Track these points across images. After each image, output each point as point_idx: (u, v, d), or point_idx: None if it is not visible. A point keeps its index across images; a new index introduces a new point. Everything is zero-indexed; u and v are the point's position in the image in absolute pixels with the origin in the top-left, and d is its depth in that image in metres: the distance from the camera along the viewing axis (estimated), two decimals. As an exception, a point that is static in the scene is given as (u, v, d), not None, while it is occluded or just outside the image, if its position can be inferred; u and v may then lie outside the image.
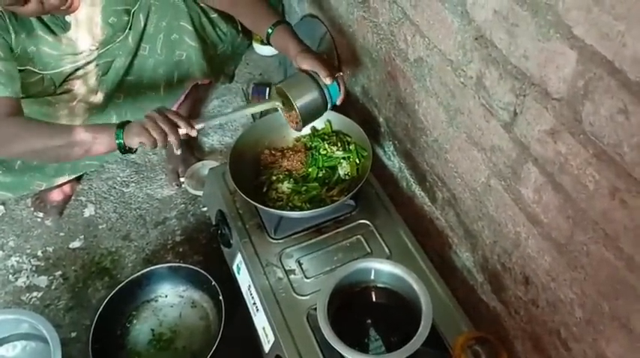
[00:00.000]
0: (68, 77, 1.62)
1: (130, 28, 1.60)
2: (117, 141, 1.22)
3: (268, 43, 1.40)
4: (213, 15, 1.65)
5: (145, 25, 1.59)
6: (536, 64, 0.87)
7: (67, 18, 1.48)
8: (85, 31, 1.53)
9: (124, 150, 1.24)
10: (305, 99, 1.28)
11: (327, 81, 1.26)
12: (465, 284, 1.36)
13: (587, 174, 0.82)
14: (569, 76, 0.79)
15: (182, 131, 1.21)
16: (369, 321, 1.18)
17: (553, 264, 0.98)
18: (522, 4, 0.85)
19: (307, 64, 1.28)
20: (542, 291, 1.04)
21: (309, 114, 1.31)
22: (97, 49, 1.59)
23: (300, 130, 1.38)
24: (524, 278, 1.09)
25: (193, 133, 1.23)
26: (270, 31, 1.36)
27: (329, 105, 1.32)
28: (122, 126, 1.23)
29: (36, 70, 1.52)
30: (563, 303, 0.98)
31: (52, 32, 1.48)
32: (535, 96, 0.89)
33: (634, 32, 0.65)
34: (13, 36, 1.41)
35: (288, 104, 1.32)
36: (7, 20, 1.39)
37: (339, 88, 1.31)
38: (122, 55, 1.62)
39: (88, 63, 1.62)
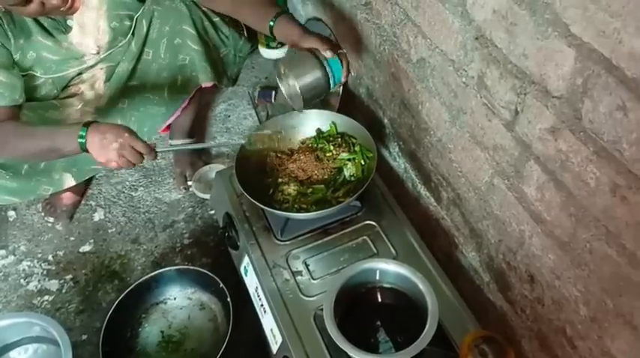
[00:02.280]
0: (71, 81, 1.64)
1: (132, 34, 1.61)
2: (79, 142, 1.27)
3: (273, 37, 1.40)
4: (216, 18, 1.66)
5: (148, 30, 1.60)
6: (535, 63, 0.87)
7: (69, 22, 1.50)
8: (87, 35, 1.54)
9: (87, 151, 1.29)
10: (306, 77, 1.29)
11: (328, 54, 1.26)
12: (471, 284, 1.36)
13: (588, 171, 0.82)
14: (568, 73, 0.80)
15: (145, 160, 1.29)
16: (376, 321, 1.19)
17: (557, 261, 0.98)
18: (521, 3, 0.85)
19: (309, 43, 1.29)
20: (547, 289, 1.04)
21: (311, 91, 1.32)
22: (99, 53, 1.60)
23: (301, 108, 1.41)
24: (530, 277, 1.09)
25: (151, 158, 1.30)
26: (272, 23, 1.36)
27: (332, 82, 1.32)
28: (87, 125, 1.28)
29: (38, 74, 1.54)
30: (567, 301, 0.98)
31: (52, 36, 1.49)
32: (535, 94, 0.89)
33: (630, 29, 0.66)
34: (12, 41, 1.43)
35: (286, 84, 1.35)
36: (6, 25, 1.41)
37: (342, 64, 1.31)
38: (125, 60, 1.64)
39: (91, 67, 1.63)
